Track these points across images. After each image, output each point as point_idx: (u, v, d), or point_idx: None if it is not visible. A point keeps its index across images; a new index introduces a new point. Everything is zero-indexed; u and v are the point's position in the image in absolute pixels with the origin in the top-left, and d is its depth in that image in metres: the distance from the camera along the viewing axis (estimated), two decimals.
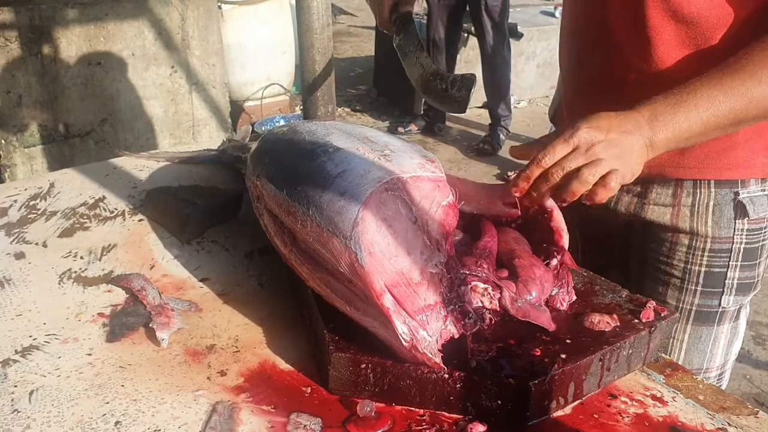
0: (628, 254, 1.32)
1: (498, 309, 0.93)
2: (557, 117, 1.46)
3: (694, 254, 1.22)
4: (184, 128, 3.56)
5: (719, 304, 1.24)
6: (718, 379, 1.30)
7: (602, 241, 1.35)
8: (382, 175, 0.90)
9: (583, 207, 1.07)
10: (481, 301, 0.92)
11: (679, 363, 1.25)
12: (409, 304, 0.85)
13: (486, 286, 0.93)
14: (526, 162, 1.07)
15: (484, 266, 0.95)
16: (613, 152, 0.95)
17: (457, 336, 0.88)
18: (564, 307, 1.01)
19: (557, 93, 1.48)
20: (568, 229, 1.08)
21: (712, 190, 1.19)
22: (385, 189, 0.89)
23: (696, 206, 1.20)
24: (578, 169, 0.94)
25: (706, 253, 1.21)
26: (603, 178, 0.93)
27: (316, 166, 0.97)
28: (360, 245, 0.85)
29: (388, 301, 0.84)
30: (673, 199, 1.22)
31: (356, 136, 1.03)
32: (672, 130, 0.98)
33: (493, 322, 0.92)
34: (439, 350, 0.86)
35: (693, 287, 1.23)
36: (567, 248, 1.07)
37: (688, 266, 1.23)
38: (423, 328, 0.85)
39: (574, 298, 1.03)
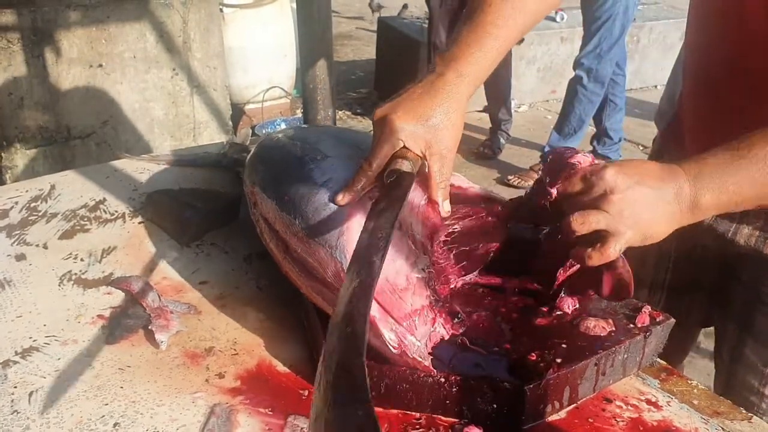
0: (730, 285, 1.21)
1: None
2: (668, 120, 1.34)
3: None
4: (184, 131, 3.57)
5: None
6: None
7: (698, 264, 1.26)
8: None
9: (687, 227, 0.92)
10: None
11: None
12: (396, 310, 0.86)
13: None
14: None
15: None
16: (626, 212, 0.83)
17: (447, 337, 0.89)
18: (569, 311, 1.02)
19: (671, 96, 1.35)
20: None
21: None
22: (369, 197, 0.89)
23: None
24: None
25: None
26: (604, 242, 0.84)
27: (304, 175, 0.97)
28: (345, 254, 0.85)
29: (373, 310, 0.85)
30: None
31: (346, 143, 1.04)
32: (718, 193, 0.84)
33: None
34: (429, 353, 0.87)
35: None
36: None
37: None
38: (411, 333, 0.86)
39: (577, 305, 1.03)
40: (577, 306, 1.03)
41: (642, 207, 0.83)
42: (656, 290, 1.34)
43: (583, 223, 0.83)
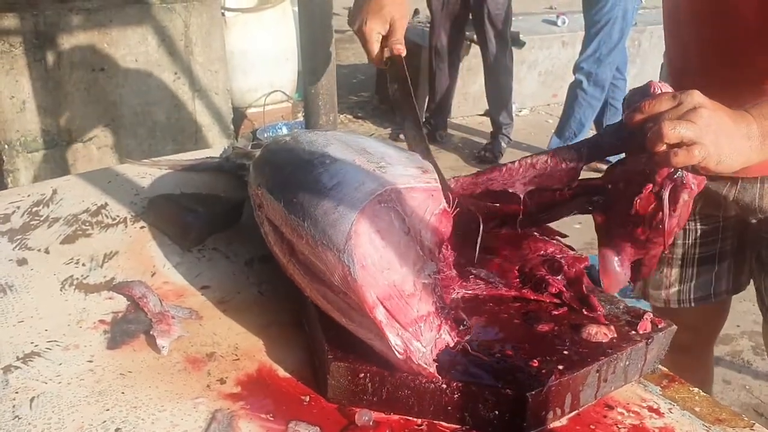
0: (763, 250, 1.39)
1: None
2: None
3: None
4: (186, 134, 3.57)
5: None
6: None
7: (723, 234, 1.44)
8: (375, 188, 0.91)
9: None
10: None
11: None
12: (402, 316, 0.86)
13: None
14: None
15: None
16: (712, 128, 0.89)
17: (452, 344, 0.89)
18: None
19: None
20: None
21: None
22: (378, 201, 0.89)
23: None
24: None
25: None
26: (690, 144, 0.87)
27: (312, 178, 0.98)
28: (353, 259, 0.85)
29: (380, 314, 0.85)
30: None
31: (354, 147, 1.04)
32: None
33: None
34: (434, 360, 0.87)
35: None
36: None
37: None
38: (416, 339, 0.86)
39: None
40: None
41: (723, 131, 0.91)
42: (687, 266, 1.49)
43: (674, 128, 0.87)
